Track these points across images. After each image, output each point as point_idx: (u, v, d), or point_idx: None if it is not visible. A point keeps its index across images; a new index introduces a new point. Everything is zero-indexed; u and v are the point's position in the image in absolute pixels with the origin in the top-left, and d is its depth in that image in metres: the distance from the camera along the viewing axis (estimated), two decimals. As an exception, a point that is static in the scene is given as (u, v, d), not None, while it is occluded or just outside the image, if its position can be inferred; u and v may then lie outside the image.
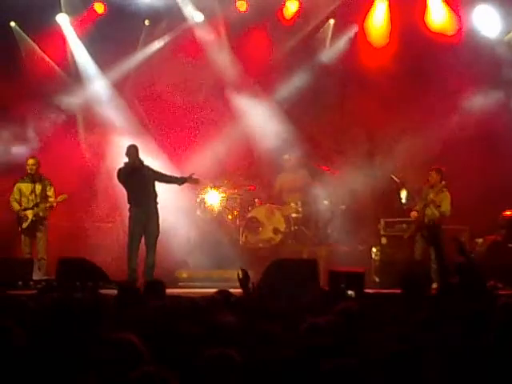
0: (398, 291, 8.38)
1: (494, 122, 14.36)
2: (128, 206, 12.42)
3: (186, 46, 15.31)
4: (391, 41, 15.11)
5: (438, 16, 14.99)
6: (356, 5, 15.28)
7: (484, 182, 13.95)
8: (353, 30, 15.45)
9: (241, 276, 7.37)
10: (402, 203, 13.31)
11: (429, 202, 12.73)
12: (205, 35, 15.38)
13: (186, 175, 12.71)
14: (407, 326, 5.38)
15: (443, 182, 12.75)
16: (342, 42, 15.49)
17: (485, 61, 14.53)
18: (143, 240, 12.35)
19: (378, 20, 15.26)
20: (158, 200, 12.45)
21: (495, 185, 13.97)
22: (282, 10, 15.43)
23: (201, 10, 15.26)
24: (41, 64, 15.01)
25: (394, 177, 13.89)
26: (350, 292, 8.64)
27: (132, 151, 12.37)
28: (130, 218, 12.40)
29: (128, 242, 12.34)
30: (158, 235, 12.33)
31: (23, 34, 15.05)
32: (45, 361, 4.47)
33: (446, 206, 12.77)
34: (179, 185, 12.78)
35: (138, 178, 12.23)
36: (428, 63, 14.68)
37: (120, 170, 12.44)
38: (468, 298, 7.15)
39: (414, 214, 12.94)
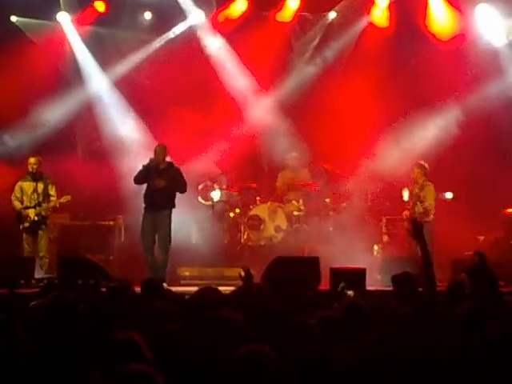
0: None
1: (494, 121, 14.31)
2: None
3: (187, 44, 15.31)
4: (391, 40, 15.11)
5: (439, 17, 14.94)
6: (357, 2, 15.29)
7: (485, 179, 13.95)
8: (354, 27, 15.46)
9: (243, 274, 7.42)
10: (404, 201, 13.20)
11: (415, 199, 12.68)
12: (205, 33, 15.40)
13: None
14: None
15: (424, 177, 12.69)
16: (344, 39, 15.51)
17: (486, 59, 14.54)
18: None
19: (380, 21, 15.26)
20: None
21: (497, 182, 13.95)
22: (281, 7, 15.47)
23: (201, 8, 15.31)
24: (40, 61, 14.96)
25: None
26: (349, 292, 8.58)
27: (158, 151, 12.25)
28: (142, 218, 12.37)
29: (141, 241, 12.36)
30: (169, 241, 12.23)
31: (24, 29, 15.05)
32: (46, 360, 4.47)
33: (430, 201, 12.65)
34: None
35: (157, 181, 12.13)
36: (428, 61, 14.69)
37: (143, 166, 12.29)
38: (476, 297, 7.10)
39: (405, 212, 12.85)
